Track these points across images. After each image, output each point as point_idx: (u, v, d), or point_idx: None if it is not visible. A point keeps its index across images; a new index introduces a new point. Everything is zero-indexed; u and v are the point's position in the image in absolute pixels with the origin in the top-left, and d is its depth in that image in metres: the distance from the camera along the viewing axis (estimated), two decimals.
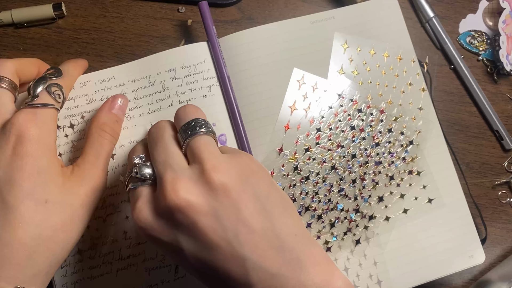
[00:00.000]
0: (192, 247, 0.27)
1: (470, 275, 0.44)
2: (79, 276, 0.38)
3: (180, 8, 0.46)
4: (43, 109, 0.33)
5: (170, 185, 0.27)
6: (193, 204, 0.27)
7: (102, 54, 0.45)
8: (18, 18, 0.44)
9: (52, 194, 0.32)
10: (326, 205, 0.41)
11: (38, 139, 0.32)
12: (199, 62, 0.41)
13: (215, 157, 0.28)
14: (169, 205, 0.27)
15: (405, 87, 0.43)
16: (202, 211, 0.27)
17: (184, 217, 0.27)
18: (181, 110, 0.32)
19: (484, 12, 0.48)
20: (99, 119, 0.36)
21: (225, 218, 0.27)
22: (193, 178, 0.28)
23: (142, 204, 0.29)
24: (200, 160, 0.28)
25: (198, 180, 0.28)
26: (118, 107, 0.38)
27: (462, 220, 0.41)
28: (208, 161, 0.28)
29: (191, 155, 0.29)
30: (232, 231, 0.27)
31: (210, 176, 0.27)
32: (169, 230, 0.28)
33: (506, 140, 0.45)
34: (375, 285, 0.40)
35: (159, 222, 0.28)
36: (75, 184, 0.33)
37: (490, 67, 0.47)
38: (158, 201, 0.28)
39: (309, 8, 0.47)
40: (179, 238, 0.27)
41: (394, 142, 0.42)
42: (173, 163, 0.29)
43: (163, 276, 0.38)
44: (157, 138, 0.31)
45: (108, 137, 0.36)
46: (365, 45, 0.43)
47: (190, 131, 0.29)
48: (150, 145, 0.31)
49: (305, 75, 0.42)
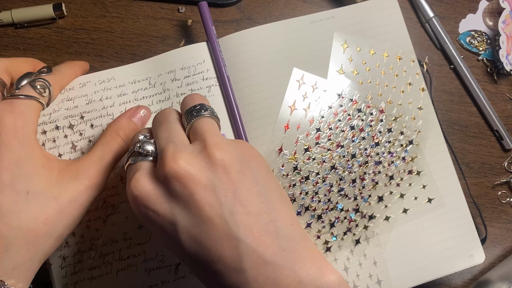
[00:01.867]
0: (186, 221, 0.27)
1: (470, 275, 0.44)
2: (79, 276, 0.38)
3: (180, 8, 0.46)
4: (22, 100, 0.33)
5: (170, 155, 0.27)
6: (192, 174, 0.27)
7: (102, 54, 0.45)
8: (18, 18, 0.44)
9: (34, 186, 0.31)
10: (326, 205, 0.41)
11: (14, 129, 0.31)
12: (199, 62, 0.41)
13: (217, 136, 0.28)
14: (168, 172, 0.27)
15: (405, 87, 0.43)
16: (201, 183, 0.27)
17: (182, 187, 0.26)
18: (188, 97, 0.32)
19: (484, 12, 0.48)
20: (117, 123, 0.36)
21: (222, 195, 0.27)
22: (194, 152, 0.28)
23: (141, 174, 0.28)
24: (203, 138, 0.28)
25: (200, 155, 0.28)
26: (139, 117, 0.38)
27: (462, 220, 0.41)
28: (210, 139, 0.28)
29: (194, 134, 0.29)
30: (228, 208, 0.26)
31: (211, 152, 0.27)
32: (166, 200, 0.27)
33: (506, 140, 0.45)
34: (375, 284, 0.40)
35: (156, 190, 0.27)
36: (67, 178, 0.33)
37: (490, 67, 0.47)
38: (157, 171, 0.28)
39: (309, 8, 0.47)
40: (175, 210, 0.27)
41: (394, 142, 0.42)
42: (176, 139, 0.29)
43: (163, 277, 0.38)
44: (161, 119, 0.31)
45: (120, 141, 0.36)
46: (364, 45, 0.43)
47: (195, 112, 0.30)
48: (154, 125, 0.31)
49: (304, 75, 0.42)
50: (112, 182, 0.39)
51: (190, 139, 0.30)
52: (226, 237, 0.26)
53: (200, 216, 0.26)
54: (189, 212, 0.27)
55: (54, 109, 0.39)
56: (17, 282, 0.31)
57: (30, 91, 0.34)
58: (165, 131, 0.30)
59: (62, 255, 0.38)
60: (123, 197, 0.39)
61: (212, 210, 0.26)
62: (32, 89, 0.34)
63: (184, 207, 0.27)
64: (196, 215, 0.26)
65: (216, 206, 0.26)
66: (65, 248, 0.38)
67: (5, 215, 0.30)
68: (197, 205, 0.26)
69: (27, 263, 0.31)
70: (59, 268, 0.38)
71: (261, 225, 0.27)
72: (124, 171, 0.39)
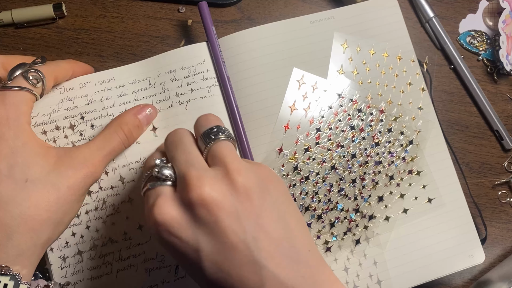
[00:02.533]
0: (210, 247, 0.26)
1: (470, 275, 0.44)
2: (79, 277, 0.38)
3: (180, 8, 0.46)
4: (14, 91, 0.33)
5: (195, 180, 0.27)
6: (217, 200, 0.26)
7: (102, 54, 0.45)
8: (18, 18, 0.44)
9: (32, 174, 0.32)
10: (326, 205, 0.41)
11: (7, 120, 0.32)
12: (199, 63, 0.41)
13: (238, 161, 0.28)
14: (194, 198, 0.26)
15: (405, 87, 0.43)
16: (225, 209, 0.26)
17: (207, 213, 0.26)
18: (203, 118, 0.32)
19: (484, 12, 0.48)
20: (123, 118, 0.37)
21: (245, 221, 0.27)
22: (217, 177, 0.28)
23: (164, 200, 0.28)
24: (224, 163, 0.28)
25: (222, 180, 0.27)
26: (145, 115, 0.38)
27: (462, 219, 0.41)
28: (231, 164, 0.28)
29: (213, 158, 0.29)
30: (251, 234, 0.26)
31: (234, 177, 0.27)
32: (190, 226, 0.27)
33: (506, 140, 0.45)
34: (375, 285, 0.40)
35: (181, 217, 0.27)
36: (65, 165, 0.33)
37: (490, 67, 0.47)
38: (182, 197, 0.27)
39: (309, 8, 0.47)
40: (198, 236, 0.27)
41: (394, 142, 0.42)
42: (195, 163, 0.29)
43: (163, 277, 0.38)
44: (176, 141, 0.31)
45: (122, 136, 0.36)
46: (364, 45, 0.43)
47: (213, 136, 0.30)
48: (169, 148, 0.31)
49: (304, 75, 0.42)
50: (112, 182, 0.39)
51: (209, 163, 0.29)
52: (248, 263, 0.26)
53: (224, 243, 0.26)
54: (213, 238, 0.26)
55: (54, 109, 0.39)
56: (22, 268, 0.31)
57: (22, 82, 0.34)
58: (183, 154, 0.29)
59: (62, 255, 0.38)
60: (123, 197, 0.39)
61: (236, 237, 0.26)
62: (24, 80, 0.34)
63: (209, 233, 0.27)
64: (220, 242, 0.26)
65: (240, 233, 0.26)
66: (65, 248, 0.38)
67: (6, 203, 0.31)
68: (222, 231, 0.26)
69: (31, 249, 0.32)
70: (59, 269, 0.38)
71: (282, 251, 0.27)
72: (124, 172, 0.39)
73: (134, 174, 0.39)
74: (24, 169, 0.32)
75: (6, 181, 0.31)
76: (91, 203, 0.38)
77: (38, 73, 0.35)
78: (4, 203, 0.31)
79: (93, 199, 0.39)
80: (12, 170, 0.31)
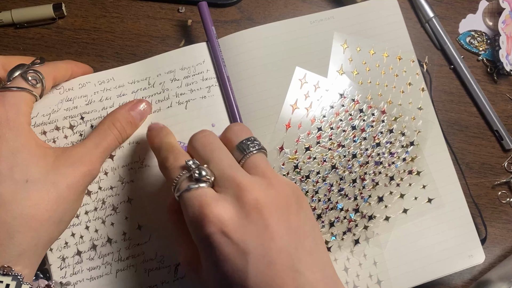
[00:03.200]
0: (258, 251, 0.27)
1: (470, 275, 0.44)
2: (79, 277, 0.38)
3: (180, 8, 0.46)
4: (13, 92, 0.33)
5: (248, 184, 0.28)
6: (269, 204, 0.28)
7: (102, 54, 0.45)
8: (18, 18, 0.44)
9: (32, 174, 0.32)
10: (326, 205, 0.41)
11: (7, 121, 0.32)
12: (199, 63, 0.41)
13: (276, 174, 0.30)
14: (250, 201, 0.27)
15: (405, 87, 0.43)
16: (274, 215, 0.28)
17: (260, 217, 0.27)
18: (238, 128, 0.33)
19: (484, 12, 0.48)
20: (115, 114, 0.37)
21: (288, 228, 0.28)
22: (263, 184, 0.29)
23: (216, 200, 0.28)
24: (264, 173, 0.29)
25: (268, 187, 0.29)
26: (139, 111, 0.38)
27: (462, 220, 0.41)
28: (272, 174, 0.29)
29: (251, 168, 0.30)
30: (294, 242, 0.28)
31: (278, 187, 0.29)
32: (242, 228, 0.27)
33: (506, 140, 0.45)
34: (375, 285, 0.40)
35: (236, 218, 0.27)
36: (64, 164, 0.33)
37: (490, 67, 0.47)
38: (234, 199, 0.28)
39: (309, 8, 0.47)
40: (248, 239, 0.27)
41: (395, 142, 0.42)
42: (239, 169, 0.30)
43: (163, 277, 0.38)
44: (211, 144, 0.31)
45: (115, 133, 0.36)
46: (364, 45, 0.43)
47: (251, 147, 0.31)
48: (203, 150, 0.31)
49: (307, 74, 0.42)
50: (111, 183, 0.39)
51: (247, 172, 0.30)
52: (288, 269, 0.27)
53: (271, 248, 0.27)
54: (262, 243, 0.27)
55: (54, 109, 0.39)
56: (24, 268, 0.32)
57: (22, 82, 0.34)
58: (226, 158, 0.30)
59: (62, 255, 0.38)
60: (122, 197, 0.39)
61: (281, 242, 0.27)
62: (23, 81, 0.34)
63: (258, 236, 0.27)
64: (268, 246, 0.27)
65: (285, 238, 0.27)
66: (64, 248, 0.38)
67: (7, 203, 0.31)
68: (271, 236, 0.27)
69: (32, 249, 0.32)
70: (58, 269, 0.38)
71: (314, 262, 0.28)
72: (124, 173, 0.39)
73: (133, 174, 0.39)
74: (25, 169, 0.32)
75: (7, 181, 0.31)
76: (90, 203, 0.38)
77: (37, 74, 0.35)
78: (4, 203, 0.31)
79: (93, 199, 0.39)
80: (13, 171, 0.32)
